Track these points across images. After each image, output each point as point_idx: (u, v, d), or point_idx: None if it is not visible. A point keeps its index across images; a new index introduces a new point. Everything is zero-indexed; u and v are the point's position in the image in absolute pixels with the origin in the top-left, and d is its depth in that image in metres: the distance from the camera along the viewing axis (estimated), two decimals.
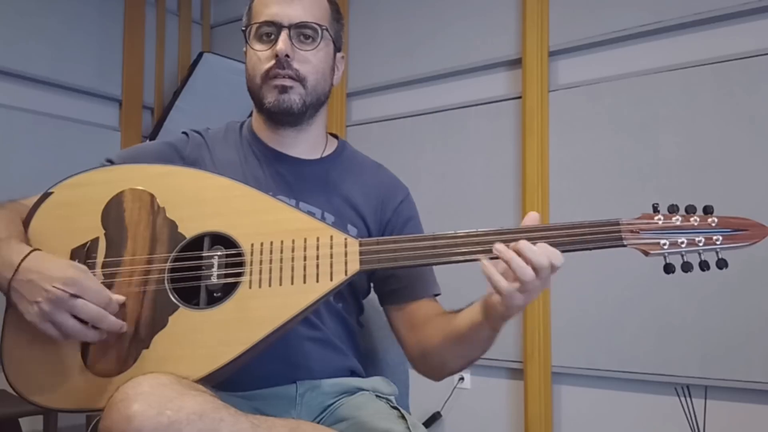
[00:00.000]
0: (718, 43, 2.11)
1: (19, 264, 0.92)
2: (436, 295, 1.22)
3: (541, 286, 0.91)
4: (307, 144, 1.23)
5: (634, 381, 2.18)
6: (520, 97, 2.47)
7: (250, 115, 1.28)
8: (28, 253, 0.94)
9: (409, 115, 2.76)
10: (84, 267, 0.95)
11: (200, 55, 3.05)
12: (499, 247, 0.91)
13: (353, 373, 1.19)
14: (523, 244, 0.90)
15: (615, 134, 2.26)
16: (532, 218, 0.95)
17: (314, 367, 1.13)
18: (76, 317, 0.91)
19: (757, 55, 2.03)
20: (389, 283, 1.21)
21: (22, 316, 0.95)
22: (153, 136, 2.99)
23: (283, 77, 1.13)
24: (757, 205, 1.96)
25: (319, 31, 1.15)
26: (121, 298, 0.95)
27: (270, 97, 1.15)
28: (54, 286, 0.89)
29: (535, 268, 0.89)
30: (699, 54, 2.14)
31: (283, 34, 1.12)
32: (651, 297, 2.13)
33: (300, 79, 1.14)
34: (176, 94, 3.03)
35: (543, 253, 0.89)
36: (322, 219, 1.15)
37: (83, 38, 2.89)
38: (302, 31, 1.15)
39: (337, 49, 1.23)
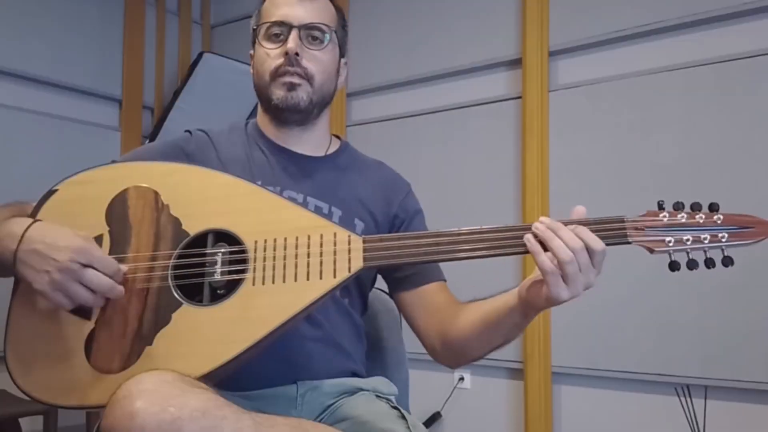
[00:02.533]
0: (718, 43, 2.12)
1: (23, 234, 0.92)
2: (445, 280, 1.23)
3: (584, 278, 0.90)
4: (311, 142, 1.25)
5: (634, 381, 2.18)
6: (520, 97, 2.48)
7: (250, 116, 1.29)
8: (31, 224, 0.94)
9: (409, 115, 2.76)
10: (88, 235, 0.95)
11: (200, 55, 3.06)
12: (538, 225, 0.92)
13: (354, 374, 1.19)
14: (559, 225, 0.91)
15: (615, 134, 2.27)
16: (578, 212, 0.95)
17: (315, 368, 1.13)
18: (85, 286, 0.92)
19: (757, 55, 2.04)
20: (401, 270, 1.21)
21: (25, 313, 0.95)
22: (153, 136, 3.00)
23: (292, 74, 1.16)
24: (757, 206, 1.94)
25: (328, 32, 1.19)
26: (124, 267, 0.96)
27: (278, 94, 1.17)
28: (64, 256, 0.90)
29: (571, 250, 0.89)
30: (699, 54, 2.15)
31: (294, 34, 1.15)
32: (651, 297, 2.14)
33: (308, 78, 1.17)
34: (176, 94, 3.03)
35: (578, 235, 0.90)
36: (330, 214, 1.16)
37: (83, 38, 2.90)
38: (311, 32, 1.18)
39: (342, 54, 1.26)
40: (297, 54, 1.15)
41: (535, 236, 0.92)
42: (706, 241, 0.91)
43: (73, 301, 0.92)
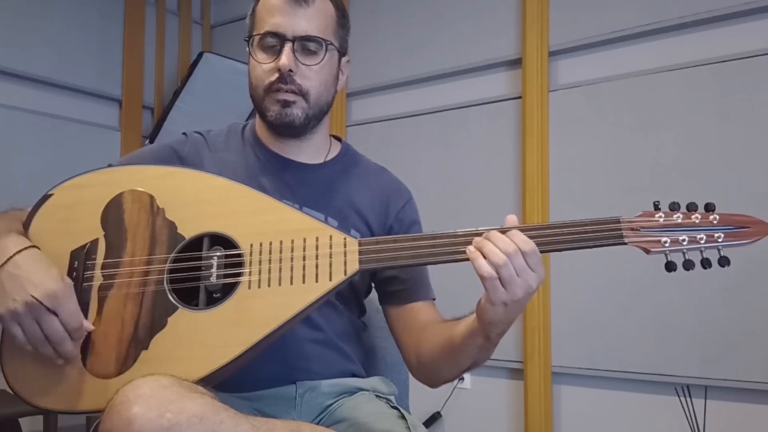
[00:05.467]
0: (718, 43, 2.11)
1: (13, 255, 0.92)
2: (433, 299, 1.23)
3: (521, 281, 0.90)
4: (310, 150, 1.23)
5: (634, 381, 2.18)
6: (520, 97, 2.47)
7: (251, 115, 1.28)
8: (25, 248, 0.94)
9: (409, 115, 2.76)
10: (70, 282, 0.95)
11: (200, 55, 3.05)
12: (477, 238, 0.93)
13: (353, 375, 1.19)
14: (494, 233, 0.92)
15: (615, 134, 2.26)
16: (510, 220, 0.96)
17: (314, 369, 1.13)
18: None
19: (757, 55, 2.03)
20: (391, 284, 1.21)
21: None
22: (153, 136, 3.00)
23: (286, 92, 1.13)
24: (756, 206, 1.96)
25: (323, 45, 1.14)
26: (90, 326, 0.95)
27: (272, 110, 1.14)
28: (35, 293, 0.90)
29: (505, 253, 0.89)
30: (699, 54, 2.14)
31: (287, 48, 1.11)
32: (651, 297, 2.13)
33: (303, 94, 1.14)
34: (176, 94, 3.03)
35: (511, 239, 0.91)
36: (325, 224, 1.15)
37: (83, 38, 2.90)
38: (306, 44, 1.13)
39: (342, 54, 1.22)
40: (291, 71, 1.11)
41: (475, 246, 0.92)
42: (702, 242, 0.91)
43: (25, 335, 0.91)
